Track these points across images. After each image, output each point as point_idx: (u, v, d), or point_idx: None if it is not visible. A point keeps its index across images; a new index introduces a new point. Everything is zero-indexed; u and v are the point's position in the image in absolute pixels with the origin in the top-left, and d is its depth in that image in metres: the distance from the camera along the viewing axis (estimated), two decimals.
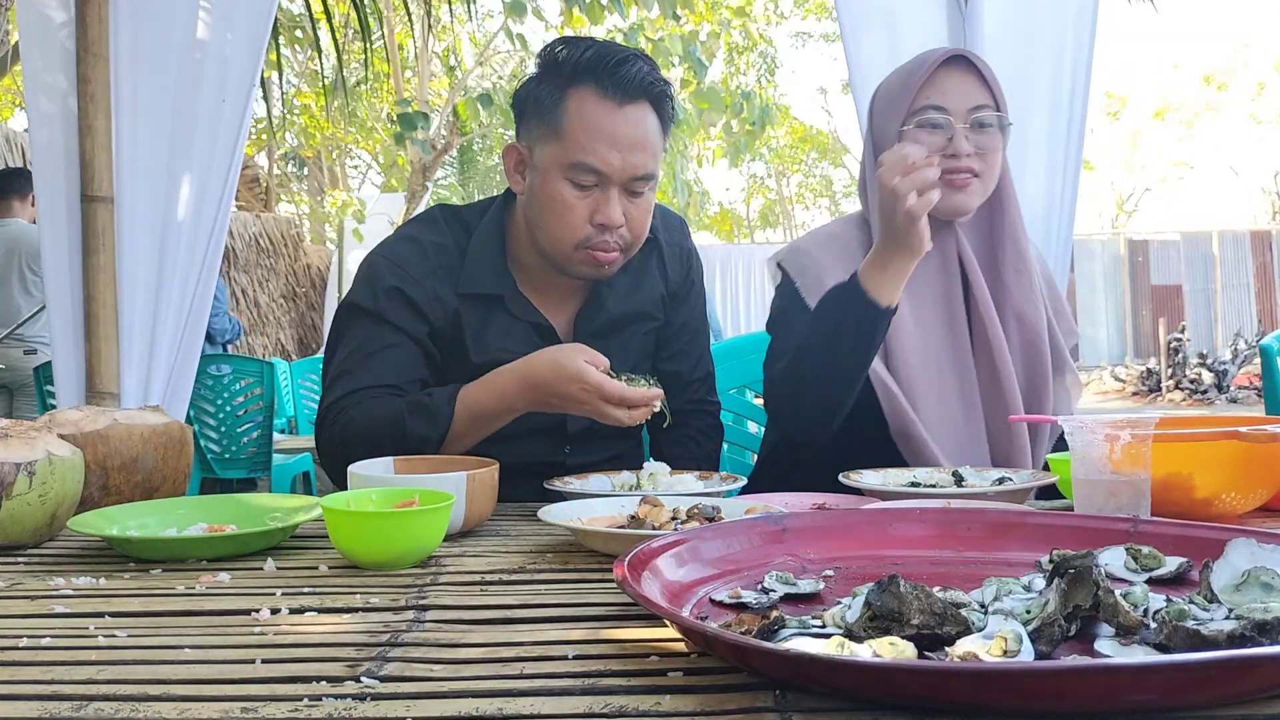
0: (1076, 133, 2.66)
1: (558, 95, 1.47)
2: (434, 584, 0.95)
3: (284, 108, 10.78)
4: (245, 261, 9.44)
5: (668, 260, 1.69)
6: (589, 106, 1.45)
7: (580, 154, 1.44)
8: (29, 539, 1.14)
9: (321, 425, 1.52)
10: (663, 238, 1.68)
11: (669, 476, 1.41)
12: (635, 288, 1.65)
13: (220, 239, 2.48)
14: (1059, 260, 2.71)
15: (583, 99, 1.45)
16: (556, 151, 1.46)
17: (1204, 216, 29.87)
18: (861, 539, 0.97)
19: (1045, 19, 2.62)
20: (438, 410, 1.42)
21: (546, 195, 1.48)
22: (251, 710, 0.61)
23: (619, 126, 1.44)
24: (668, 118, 1.52)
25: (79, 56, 2.31)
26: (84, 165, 2.32)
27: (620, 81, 1.44)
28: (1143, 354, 17.06)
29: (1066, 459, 1.18)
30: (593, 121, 1.44)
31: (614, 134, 1.44)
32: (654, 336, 1.70)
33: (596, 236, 1.48)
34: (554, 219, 1.48)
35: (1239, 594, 0.72)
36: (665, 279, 1.68)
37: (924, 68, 1.58)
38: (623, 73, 1.44)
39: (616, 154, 1.44)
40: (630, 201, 1.49)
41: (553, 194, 1.47)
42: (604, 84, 1.44)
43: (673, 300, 1.70)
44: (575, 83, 1.46)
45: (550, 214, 1.48)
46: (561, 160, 1.46)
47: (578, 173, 1.45)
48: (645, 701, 0.61)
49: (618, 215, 1.46)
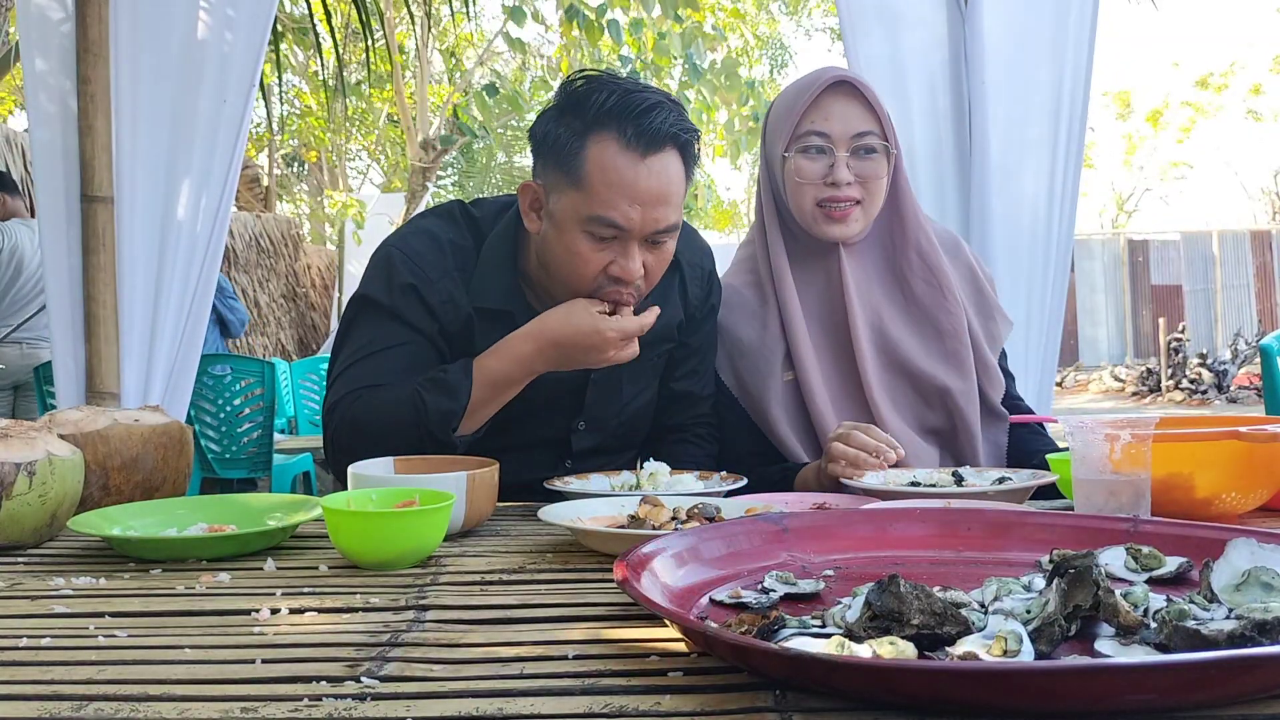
0: (1076, 132, 2.66)
1: (578, 142, 1.39)
2: (434, 584, 0.95)
3: (283, 106, 10.78)
4: (245, 261, 9.43)
5: (689, 283, 1.64)
6: (610, 158, 1.37)
7: (601, 208, 1.37)
8: (29, 539, 1.14)
9: (329, 418, 1.49)
10: (685, 259, 1.62)
11: (669, 476, 1.41)
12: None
13: (220, 239, 2.48)
14: (1059, 260, 2.71)
15: (604, 148, 1.37)
16: (576, 202, 1.39)
17: (1204, 216, 29.90)
18: (861, 539, 0.97)
19: (1045, 18, 2.62)
20: (456, 384, 1.39)
21: (563, 246, 1.42)
22: (251, 710, 0.61)
23: (641, 180, 1.36)
24: (692, 162, 1.45)
25: (79, 56, 2.31)
26: (84, 165, 2.32)
27: (644, 132, 1.36)
28: (1143, 354, 17.06)
29: (1066, 459, 1.18)
30: (614, 175, 1.36)
31: (636, 188, 1.36)
32: (665, 359, 1.67)
33: (608, 285, 1.42)
34: (568, 269, 1.43)
35: (1239, 594, 0.72)
36: (685, 303, 1.64)
37: (808, 92, 1.58)
38: (647, 122, 1.36)
39: (638, 209, 1.37)
40: (650, 252, 1.43)
41: (569, 245, 1.41)
42: (627, 133, 1.36)
43: (690, 323, 1.65)
44: (597, 128, 1.38)
45: (565, 264, 1.43)
46: (581, 212, 1.39)
47: (597, 226, 1.38)
48: (645, 701, 0.61)
49: (636, 269, 1.41)
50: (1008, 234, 2.66)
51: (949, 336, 1.64)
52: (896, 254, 1.67)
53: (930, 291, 1.65)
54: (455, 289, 1.49)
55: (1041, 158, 2.67)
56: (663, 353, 1.65)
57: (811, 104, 1.58)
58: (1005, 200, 2.66)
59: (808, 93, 1.58)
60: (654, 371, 1.65)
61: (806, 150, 1.58)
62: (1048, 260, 2.70)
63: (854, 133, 1.57)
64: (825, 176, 1.57)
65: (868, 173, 1.58)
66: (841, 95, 1.58)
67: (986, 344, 1.69)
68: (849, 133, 1.57)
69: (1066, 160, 2.67)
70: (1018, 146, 2.67)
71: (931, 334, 1.64)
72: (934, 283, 1.65)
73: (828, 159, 1.57)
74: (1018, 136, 2.67)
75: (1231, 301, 18.03)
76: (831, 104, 1.58)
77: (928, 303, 1.65)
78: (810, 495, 1.32)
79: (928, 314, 1.65)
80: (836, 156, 1.57)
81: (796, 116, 1.58)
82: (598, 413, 1.60)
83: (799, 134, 1.59)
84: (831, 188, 1.57)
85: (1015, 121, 2.66)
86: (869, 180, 1.59)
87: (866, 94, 1.59)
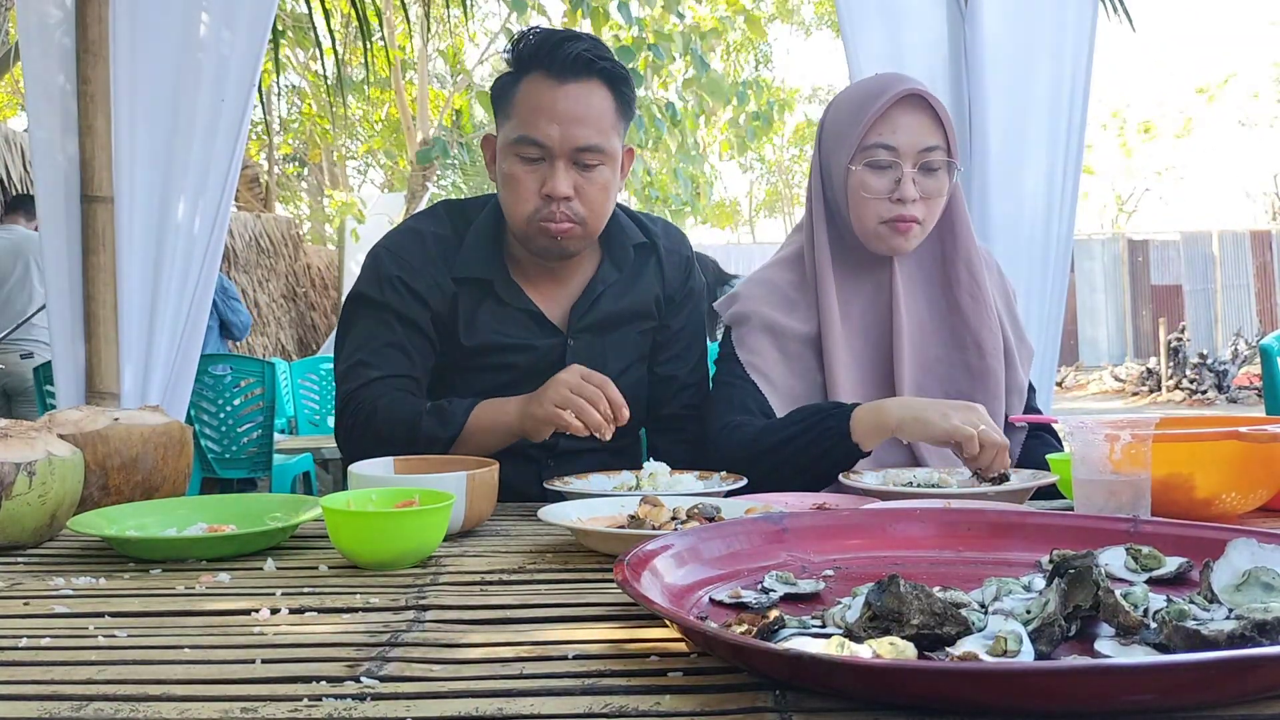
0: (1077, 132, 2.67)
1: (513, 82, 1.56)
2: (434, 584, 0.95)
3: (282, 106, 10.78)
4: (245, 261, 9.42)
5: (666, 265, 1.73)
6: (533, 87, 1.54)
7: (524, 128, 1.53)
8: (29, 539, 1.14)
9: (344, 411, 1.58)
10: (662, 244, 1.74)
11: (669, 476, 1.41)
12: (630, 287, 1.69)
13: (220, 239, 2.48)
14: (1059, 260, 2.71)
15: (531, 81, 1.54)
16: (508, 130, 1.56)
17: (1204, 216, 29.86)
18: (861, 539, 0.97)
19: (1045, 19, 2.62)
20: (452, 416, 1.49)
21: (503, 174, 1.57)
22: (251, 710, 0.61)
23: (560, 102, 1.51)
24: (623, 96, 1.57)
25: (79, 56, 2.31)
26: (84, 165, 2.32)
27: (560, 60, 1.52)
28: (1143, 354, 17.06)
29: (1066, 459, 1.18)
30: (535, 100, 1.53)
31: (555, 109, 1.51)
32: (650, 339, 1.74)
33: (544, 209, 1.54)
34: (508, 193, 1.57)
35: (1239, 594, 0.72)
36: (663, 282, 1.73)
37: (877, 103, 1.53)
38: (561, 52, 1.52)
39: (556, 127, 1.51)
40: (582, 175, 1.54)
41: (507, 171, 1.56)
42: (546, 65, 1.53)
43: (670, 305, 1.74)
44: (526, 70, 1.55)
45: (505, 189, 1.57)
46: (510, 136, 1.55)
47: (522, 146, 1.53)
48: (645, 701, 0.61)
49: (562, 186, 1.52)
50: (1008, 234, 2.66)
51: (990, 355, 1.61)
52: (947, 265, 1.64)
53: (975, 307, 1.62)
54: (438, 274, 1.61)
55: (1041, 158, 2.67)
56: (645, 331, 1.72)
57: (880, 116, 1.53)
58: (1005, 200, 2.66)
59: (877, 103, 1.53)
60: (636, 349, 1.72)
61: (873, 164, 1.54)
62: (1048, 260, 2.70)
63: (922, 147, 1.53)
64: (891, 193, 1.53)
65: (931, 190, 1.55)
66: (910, 107, 1.53)
67: (1021, 365, 1.67)
68: (917, 147, 1.53)
69: (1066, 160, 2.67)
70: (1018, 146, 2.67)
71: (972, 350, 1.62)
72: (979, 298, 1.63)
73: (894, 173, 1.53)
74: (1018, 136, 2.66)
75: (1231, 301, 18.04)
76: (900, 116, 1.53)
77: (971, 318, 1.62)
78: (810, 495, 1.32)
79: (970, 329, 1.62)
80: (904, 172, 1.52)
81: (864, 128, 1.53)
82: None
83: (865, 145, 1.54)
84: (897, 205, 1.53)
85: (1015, 121, 2.66)
86: (932, 198, 1.56)
87: (936, 106, 1.54)
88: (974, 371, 1.62)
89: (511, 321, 1.62)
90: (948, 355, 1.63)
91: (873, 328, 1.63)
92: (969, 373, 1.62)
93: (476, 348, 1.61)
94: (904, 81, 1.55)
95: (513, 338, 1.62)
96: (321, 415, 5.95)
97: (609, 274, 1.67)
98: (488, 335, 1.61)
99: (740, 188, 29.72)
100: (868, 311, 1.63)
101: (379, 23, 8.25)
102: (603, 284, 1.67)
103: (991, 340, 1.62)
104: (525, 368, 1.61)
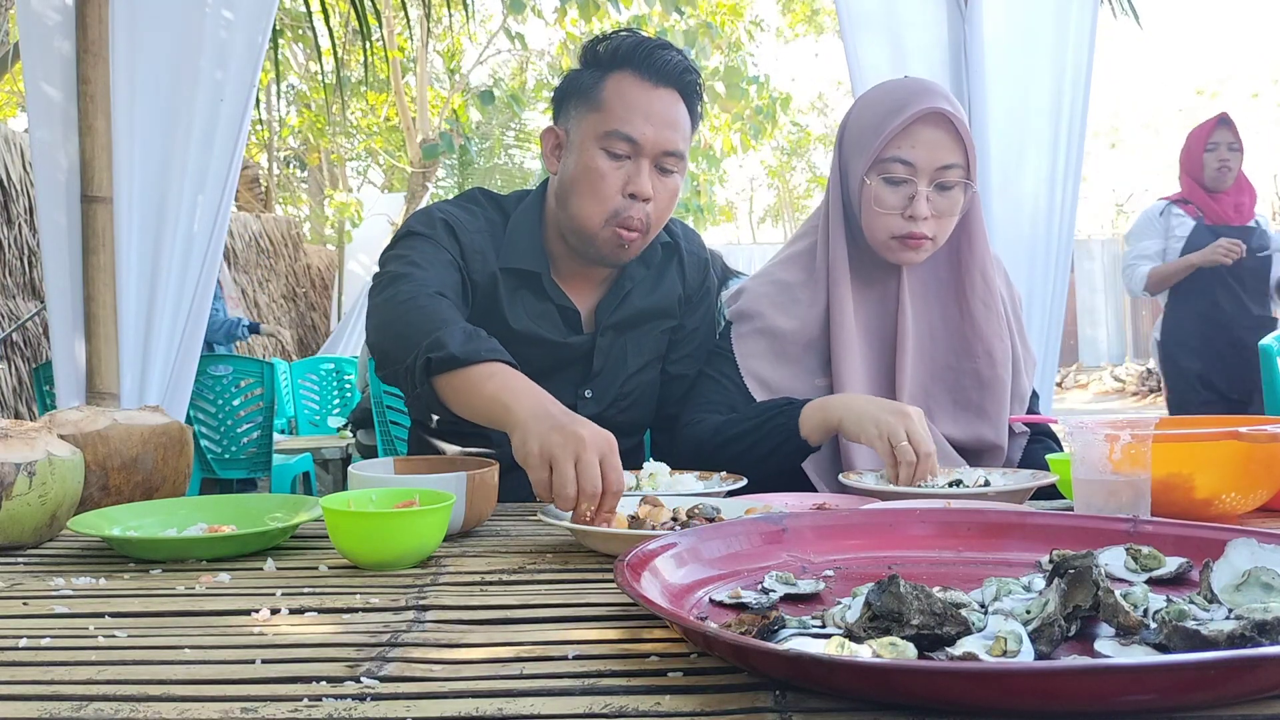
0: (1077, 132, 2.67)
1: (599, 78, 1.55)
2: (434, 584, 0.95)
3: (282, 107, 10.78)
4: (245, 261, 9.42)
5: (687, 265, 1.75)
6: (626, 84, 1.53)
7: (617, 123, 1.51)
8: (29, 539, 1.14)
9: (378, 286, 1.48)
10: (684, 246, 1.76)
11: (669, 476, 1.41)
12: (656, 285, 1.71)
13: (220, 239, 2.48)
14: (1059, 260, 2.71)
15: (621, 79, 1.54)
16: (595, 122, 1.54)
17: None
18: (861, 539, 0.97)
19: (1045, 19, 2.63)
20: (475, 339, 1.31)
21: (582, 166, 1.54)
22: (251, 710, 0.61)
23: (654, 103, 1.52)
24: (695, 113, 1.59)
25: (79, 56, 2.31)
26: (84, 165, 2.32)
27: (655, 65, 1.53)
28: (1142, 354, 17.05)
29: (1066, 459, 1.18)
30: (630, 97, 1.53)
31: (649, 109, 1.52)
32: (667, 337, 1.74)
33: (625, 210, 1.53)
34: (587, 187, 1.54)
35: (1239, 594, 0.72)
36: (684, 282, 1.75)
37: (898, 117, 1.51)
38: (657, 58, 1.53)
39: (650, 127, 1.51)
40: (659, 179, 1.54)
41: (589, 163, 1.53)
42: (640, 68, 1.53)
43: (688, 304, 1.76)
44: (615, 68, 1.55)
45: (584, 183, 1.54)
46: (599, 129, 1.53)
47: (613, 141, 1.52)
48: (645, 701, 0.61)
49: (648, 187, 1.52)
50: (1008, 234, 2.66)
51: (1000, 364, 1.61)
52: (962, 273, 1.64)
53: (988, 316, 1.62)
54: (485, 244, 1.60)
55: (1041, 158, 2.67)
56: (665, 330, 1.73)
57: (901, 131, 1.51)
58: (1005, 200, 2.66)
59: (898, 117, 1.51)
60: (655, 347, 1.72)
61: (889, 179, 1.53)
62: (1048, 261, 2.71)
63: (939, 165, 1.51)
64: (904, 209, 1.52)
65: (944, 208, 1.54)
66: (933, 123, 1.51)
67: (1025, 375, 1.68)
68: (934, 164, 1.51)
69: (1066, 160, 2.68)
70: (1018, 147, 2.68)
71: (983, 359, 1.61)
72: (992, 306, 1.63)
73: (908, 189, 1.52)
74: (1018, 137, 2.67)
75: None
76: (921, 131, 1.51)
77: (984, 327, 1.62)
78: (810, 495, 1.31)
79: (982, 338, 1.62)
80: (918, 189, 1.51)
81: (883, 140, 1.52)
82: (604, 380, 1.66)
83: (882, 158, 1.53)
84: (909, 221, 1.52)
85: (1015, 122, 2.66)
86: (944, 215, 1.55)
87: (958, 124, 1.52)
88: (984, 380, 1.61)
89: (546, 316, 1.62)
90: (958, 363, 1.63)
91: (878, 333, 1.63)
92: (979, 381, 1.62)
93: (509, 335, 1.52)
94: (930, 97, 1.52)
95: (545, 331, 1.61)
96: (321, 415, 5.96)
97: (637, 271, 1.68)
98: (528, 324, 1.60)
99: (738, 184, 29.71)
100: (875, 316, 1.63)
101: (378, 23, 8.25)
102: (631, 281, 1.67)
103: (1002, 349, 1.62)
104: (548, 361, 1.60)
